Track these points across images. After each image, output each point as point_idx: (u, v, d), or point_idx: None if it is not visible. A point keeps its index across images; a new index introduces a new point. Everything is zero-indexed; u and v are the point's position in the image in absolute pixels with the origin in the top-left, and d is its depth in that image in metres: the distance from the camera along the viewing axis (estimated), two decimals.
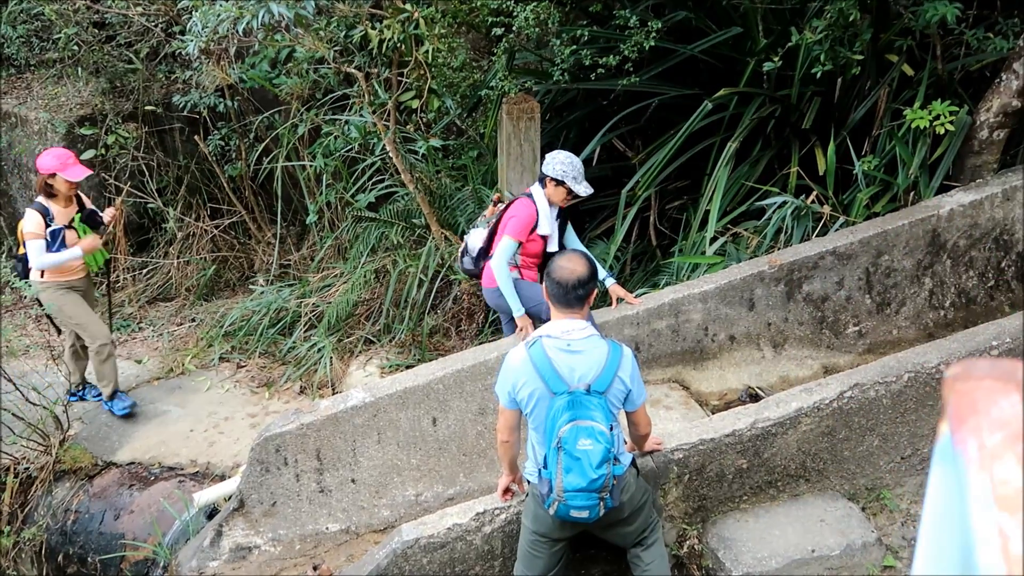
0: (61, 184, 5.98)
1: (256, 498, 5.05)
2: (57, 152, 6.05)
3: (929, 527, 0.97)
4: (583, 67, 6.67)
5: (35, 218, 5.99)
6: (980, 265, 6.00)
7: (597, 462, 3.57)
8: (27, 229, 6.00)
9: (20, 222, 6.17)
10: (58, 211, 6.07)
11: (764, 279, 5.71)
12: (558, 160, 5.28)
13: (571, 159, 5.30)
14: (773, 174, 6.73)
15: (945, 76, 6.31)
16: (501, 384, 3.82)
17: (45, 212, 6.01)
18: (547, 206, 5.39)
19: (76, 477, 6.16)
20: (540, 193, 5.40)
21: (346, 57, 7.14)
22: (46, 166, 5.95)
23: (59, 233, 6.06)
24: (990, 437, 0.85)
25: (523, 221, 5.40)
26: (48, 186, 6.00)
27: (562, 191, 5.30)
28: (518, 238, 5.39)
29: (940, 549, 0.94)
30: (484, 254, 5.63)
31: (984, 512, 0.81)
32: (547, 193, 5.36)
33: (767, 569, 4.41)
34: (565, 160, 5.28)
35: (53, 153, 6.03)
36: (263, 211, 8.57)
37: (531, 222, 5.39)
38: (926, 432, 4.83)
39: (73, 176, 5.96)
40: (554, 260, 3.83)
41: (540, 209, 5.38)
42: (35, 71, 9.00)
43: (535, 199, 5.40)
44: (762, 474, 4.65)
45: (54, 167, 5.93)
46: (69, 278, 6.23)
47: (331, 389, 6.73)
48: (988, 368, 0.94)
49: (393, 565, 4.20)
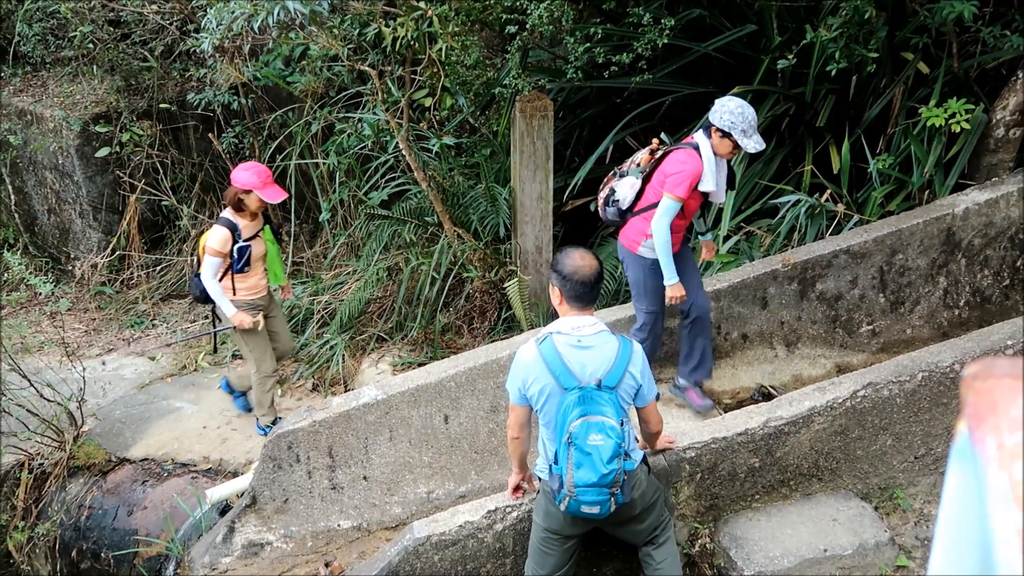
0: (254, 201, 5.65)
1: (268, 495, 5.06)
2: (257, 169, 5.67)
3: (947, 526, 0.97)
4: (596, 65, 6.65)
5: (223, 235, 5.66)
6: (995, 264, 5.97)
7: (608, 457, 3.57)
8: (210, 245, 5.66)
9: (203, 235, 5.91)
10: (245, 225, 5.74)
11: (777, 278, 5.69)
12: (727, 108, 4.76)
13: (742, 108, 4.76)
14: (787, 172, 6.71)
15: (961, 74, 6.28)
16: (512, 380, 3.82)
17: (234, 228, 5.68)
18: (713, 158, 4.88)
19: (90, 473, 6.19)
20: (706, 143, 4.88)
21: (360, 55, 7.14)
22: (244, 182, 5.59)
23: (246, 250, 5.74)
24: (1009, 436, 0.85)
25: (687, 176, 4.87)
26: (239, 200, 5.66)
27: (728, 144, 4.81)
28: (682, 197, 4.89)
29: (958, 548, 0.93)
30: (632, 208, 5.16)
31: (1003, 511, 0.80)
32: (712, 144, 4.86)
33: (779, 568, 4.40)
34: (735, 109, 4.76)
35: (252, 169, 5.66)
36: (276, 209, 8.59)
37: (695, 178, 4.88)
38: (940, 432, 4.80)
39: (270, 198, 5.63)
40: (562, 260, 3.78)
41: (706, 161, 4.87)
42: (50, 69, 9.04)
43: (701, 150, 4.88)
44: (775, 473, 4.64)
45: (253, 184, 5.58)
46: (254, 297, 5.95)
47: (343, 386, 6.74)
48: (1007, 367, 0.93)
49: (405, 562, 4.20)
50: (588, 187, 7.33)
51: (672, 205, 4.87)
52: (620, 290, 6.87)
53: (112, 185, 8.55)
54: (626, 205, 5.15)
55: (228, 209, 5.73)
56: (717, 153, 4.86)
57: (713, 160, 4.85)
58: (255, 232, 5.83)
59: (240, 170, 5.67)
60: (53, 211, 8.99)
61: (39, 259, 9.16)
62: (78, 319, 8.34)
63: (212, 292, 5.72)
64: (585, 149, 7.44)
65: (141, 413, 6.68)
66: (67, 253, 9.04)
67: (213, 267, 5.68)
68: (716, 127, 4.77)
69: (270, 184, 5.66)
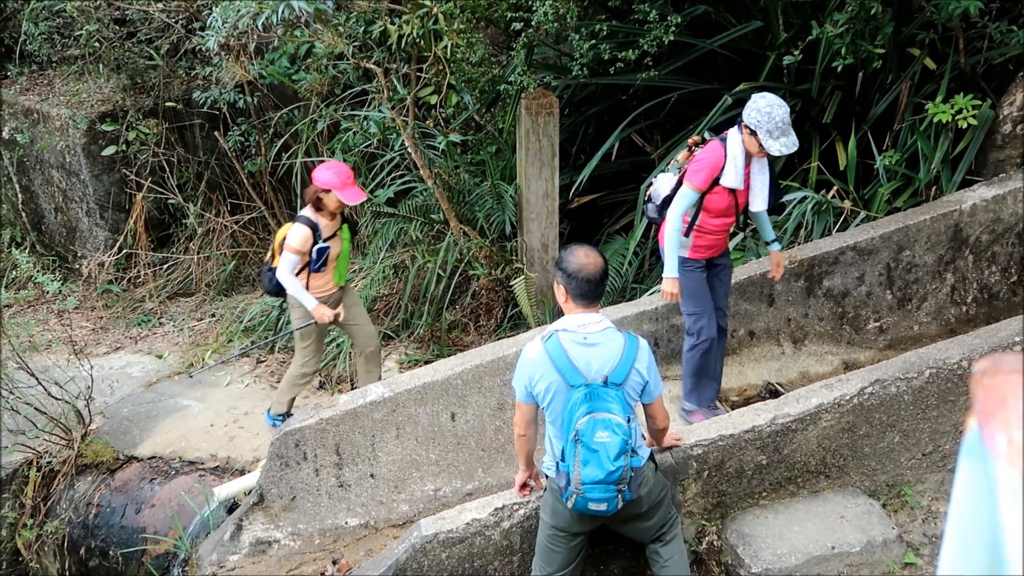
0: (332, 201, 5.54)
1: (276, 492, 5.07)
2: (338, 169, 5.58)
3: (957, 522, 0.96)
4: (602, 62, 6.65)
5: (303, 233, 5.57)
6: (1003, 260, 5.95)
7: (615, 454, 3.57)
8: (290, 243, 5.58)
9: (281, 230, 5.82)
10: (325, 224, 5.66)
11: (784, 274, 5.68)
12: (756, 106, 4.53)
13: (771, 108, 4.49)
14: (793, 169, 6.70)
15: (968, 70, 6.26)
16: (518, 378, 3.82)
17: (315, 228, 5.60)
18: (741, 154, 4.66)
19: (98, 471, 6.21)
20: (736, 138, 4.67)
21: (365, 53, 7.15)
22: (324, 181, 5.51)
23: (325, 251, 5.68)
24: (1019, 432, 0.85)
25: (706, 166, 4.70)
26: (318, 199, 5.57)
27: (755, 142, 4.59)
28: (698, 187, 4.73)
29: (968, 544, 0.93)
30: (668, 204, 4.96)
31: (1014, 507, 0.80)
32: (744, 141, 4.65)
33: (787, 565, 4.39)
34: (764, 108, 4.51)
35: (334, 169, 5.57)
36: (282, 207, 8.61)
37: (715, 170, 4.68)
38: (948, 428, 4.79)
39: (349, 199, 5.52)
40: (567, 258, 3.78)
41: (730, 155, 4.65)
42: (56, 68, 9.06)
43: (727, 143, 4.68)
44: (782, 470, 4.63)
45: (332, 184, 5.49)
46: (323, 295, 5.87)
47: (350, 384, 6.75)
48: (1016, 363, 0.93)
49: (412, 560, 4.21)
50: (594, 184, 7.34)
51: (687, 193, 4.72)
52: (626, 287, 6.87)
53: (119, 183, 8.57)
54: (659, 201, 5.02)
55: (308, 207, 5.64)
56: (749, 151, 4.66)
57: (740, 156, 4.65)
58: (334, 232, 5.75)
59: (321, 169, 5.59)
60: (60, 209, 9.02)
61: (46, 257, 9.18)
62: (85, 317, 8.37)
63: (290, 288, 5.66)
64: (591, 146, 7.43)
65: (148, 411, 6.70)
66: (74, 251, 9.07)
67: (291, 264, 5.61)
68: (745, 123, 4.58)
69: (350, 185, 5.55)
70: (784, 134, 4.49)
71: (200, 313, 8.19)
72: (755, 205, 4.82)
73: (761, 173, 4.75)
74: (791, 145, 4.50)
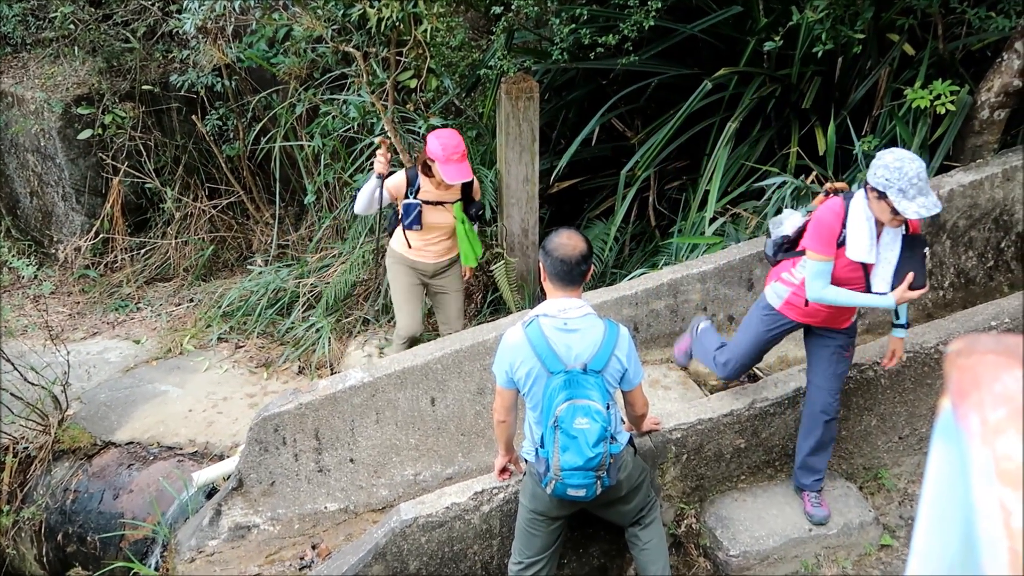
0: (437, 171, 5.41)
1: (255, 477, 5.06)
2: (446, 142, 5.38)
3: (930, 502, 0.97)
4: (582, 46, 6.63)
5: (399, 178, 5.57)
6: (979, 245, 6.00)
7: (594, 440, 3.58)
8: (387, 183, 5.56)
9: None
10: (428, 189, 5.56)
11: (763, 259, 5.69)
12: (882, 162, 3.77)
13: (901, 162, 3.71)
14: (773, 154, 6.71)
15: (946, 55, 6.28)
16: (499, 364, 3.82)
17: (411, 182, 5.53)
18: (866, 220, 3.88)
19: (75, 457, 6.17)
20: (860, 201, 3.92)
21: (344, 36, 7.09)
22: (431, 150, 5.41)
23: (413, 208, 5.56)
24: (993, 412, 0.85)
25: (819, 229, 4.00)
26: (426, 165, 5.50)
27: (885, 207, 3.80)
28: (819, 253, 3.99)
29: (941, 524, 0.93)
30: (784, 248, 4.33)
31: (986, 487, 0.80)
32: (871, 206, 3.88)
33: (765, 547, 4.43)
34: (892, 163, 3.74)
35: (442, 139, 5.39)
36: (261, 191, 8.55)
37: (829, 233, 3.97)
38: (924, 412, 4.83)
39: (447, 175, 5.34)
40: (551, 238, 3.80)
41: (853, 221, 3.91)
42: (31, 50, 8.94)
43: (850, 205, 3.95)
44: (760, 454, 4.66)
45: (435, 155, 5.37)
46: (415, 258, 5.77)
47: (329, 369, 6.73)
48: (991, 343, 0.93)
49: (392, 544, 4.21)
50: (574, 169, 7.33)
51: (815, 266, 4.00)
52: (606, 272, 6.88)
53: (95, 168, 8.48)
54: (775, 238, 4.36)
55: (419, 166, 5.59)
56: (880, 219, 3.89)
57: (866, 222, 3.88)
58: (439, 200, 5.63)
59: (434, 135, 5.49)
60: (36, 194, 8.92)
61: (22, 242, 9.09)
62: (62, 302, 8.29)
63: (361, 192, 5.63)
64: (571, 131, 7.41)
65: (126, 396, 6.65)
66: (50, 236, 8.97)
67: (375, 184, 5.55)
68: (871, 185, 3.82)
69: (453, 162, 5.34)
70: (921, 192, 3.69)
71: (178, 298, 8.14)
72: (876, 285, 3.99)
73: (891, 247, 3.93)
74: (931, 206, 3.68)
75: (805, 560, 4.50)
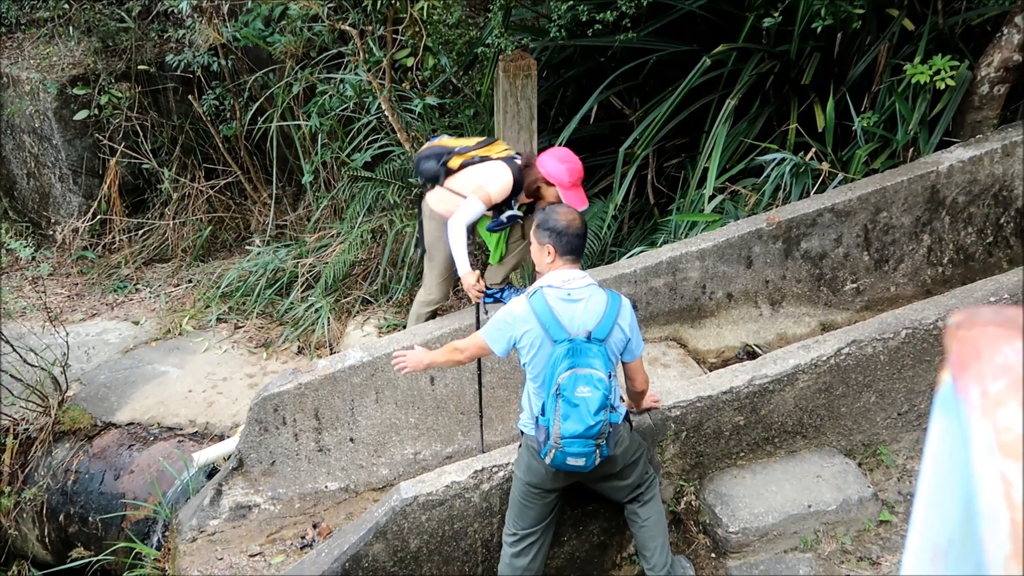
0: (551, 194, 4.86)
1: (255, 457, 5.07)
2: (571, 166, 4.82)
3: (930, 475, 0.97)
4: (580, 23, 6.58)
5: (507, 182, 4.85)
6: (979, 221, 5.98)
7: (595, 408, 3.61)
8: (490, 187, 4.87)
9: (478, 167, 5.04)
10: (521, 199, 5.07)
11: (762, 237, 5.68)
12: None
13: None
14: (772, 131, 6.68)
15: (946, 30, 6.25)
16: (499, 331, 3.84)
17: (518, 186, 4.90)
18: None
19: (76, 438, 6.18)
20: None
21: (340, 14, 7.05)
22: (554, 174, 4.81)
23: (512, 220, 5.14)
24: (993, 384, 0.84)
25: None
26: (538, 188, 4.91)
27: None
28: None
29: (941, 496, 0.93)
30: None
31: (986, 459, 0.80)
32: None
33: (764, 524, 4.44)
34: None
35: (567, 164, 4.83)
36: (258, 171, 8.51)
37: None
38: (923, 388, 4.84)
39: (573, 202, 4.71)
40: (553, 217, 3.85)
41: None
42: (26, 30, 8.89)
43: None
44: (759, 431, 4.67)
45: (560, 180, 4.81)
46: None
47: (329, 349, 6.73)
48: (991, 315, 0.92)
49: (392, 523, 4.22)
50: (572, 147, 7.26)
51: None
52: (605, 250, 6.86)
53: (91, 148, 8.45)
54: None
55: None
56: None
57: None
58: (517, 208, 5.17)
59: (554, 158, 4.87)
60: (32, 175, 8.89)
61: (19, 224, 9.07)
62: (60, 284, 8.28)
63: (455, 239, 4.89)
64: (569, 109, 7.38)
65: (126, 377, 6.66)
66: (47, 218, 8.95)
67: (474, 213, 4.87)
68: None
69: (578, 187, 4.86)
70: None
71: (177, 279, 8.13)
72: None
73: None
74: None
75: (804, 536, 4.51)
